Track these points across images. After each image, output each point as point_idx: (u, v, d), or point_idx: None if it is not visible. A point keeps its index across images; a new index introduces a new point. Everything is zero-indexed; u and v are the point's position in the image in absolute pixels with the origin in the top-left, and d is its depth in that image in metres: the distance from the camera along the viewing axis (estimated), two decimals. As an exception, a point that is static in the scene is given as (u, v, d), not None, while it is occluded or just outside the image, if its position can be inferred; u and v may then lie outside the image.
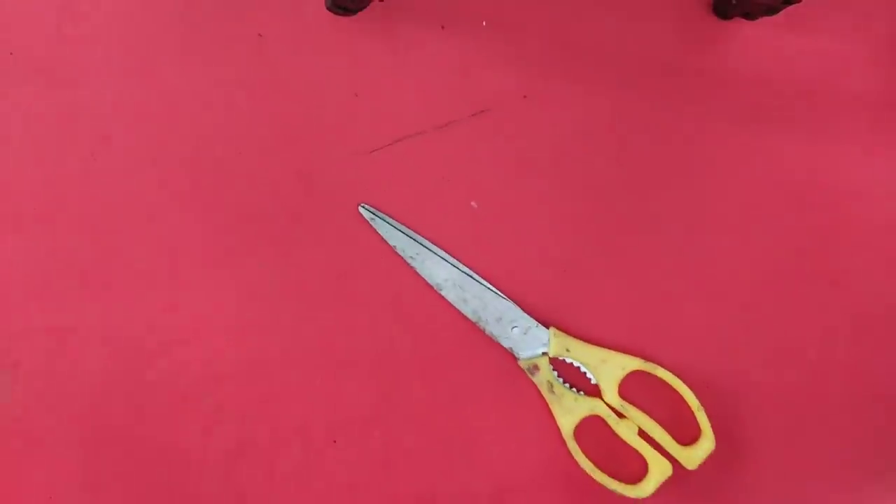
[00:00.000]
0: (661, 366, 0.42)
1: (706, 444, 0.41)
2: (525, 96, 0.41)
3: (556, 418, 0.41)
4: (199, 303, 0.38)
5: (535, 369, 0.41)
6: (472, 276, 0.40)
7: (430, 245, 0.40)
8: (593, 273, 0.42)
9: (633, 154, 0.42)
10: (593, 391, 0.42)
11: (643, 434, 0.41)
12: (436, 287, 0.40)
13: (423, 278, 0.40)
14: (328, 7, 0.38)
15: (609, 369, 0.41)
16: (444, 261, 0.40)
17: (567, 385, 0.41)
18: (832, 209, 0.44)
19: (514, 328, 0.41)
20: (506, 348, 0.41)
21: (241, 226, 0.38)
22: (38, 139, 0.37)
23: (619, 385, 0.41)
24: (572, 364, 0.41)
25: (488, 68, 0.40)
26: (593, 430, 0.41)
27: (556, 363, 0.41)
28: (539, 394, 0.41)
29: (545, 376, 0.41)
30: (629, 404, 0.41)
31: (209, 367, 0.39)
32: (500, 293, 0.41)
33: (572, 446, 0.41)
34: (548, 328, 0.41)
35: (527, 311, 0.41)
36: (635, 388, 0.42)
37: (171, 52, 0.38)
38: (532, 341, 0.41)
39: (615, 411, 0.41)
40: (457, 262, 0.40)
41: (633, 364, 0.41)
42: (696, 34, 0.43)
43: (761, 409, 0.43)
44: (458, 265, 0.40)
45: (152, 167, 0.38)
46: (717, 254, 0.43)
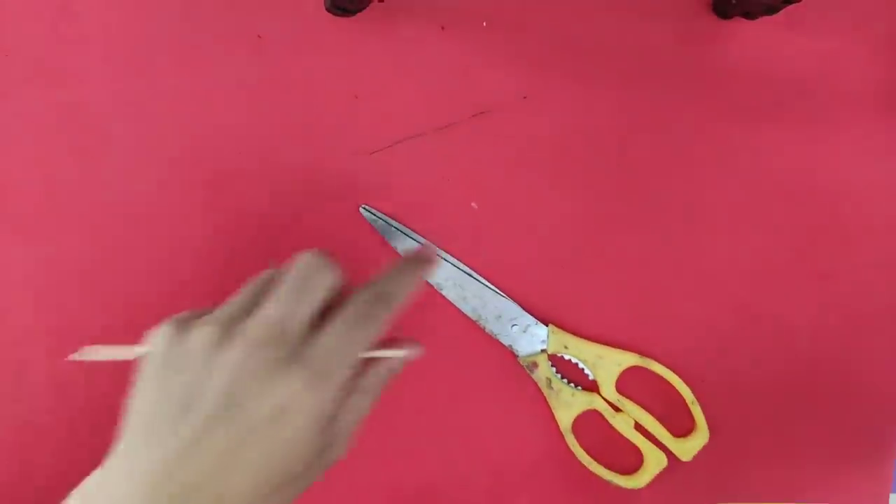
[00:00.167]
0: (657, 361, 0.42)
1: (700, 437, 0.42)
2: (525, 97, 0.41)
3: (554, 413, 0.42)
4: (201, 301, 0.38)
5: (533, 366, 0.41)
6: (471, 275, 0.41)
7: (429, 244, 0.40)
8: (591, 272, 0.42)
9: (632, 153, 0.42)
10: (591, 386, 0.42)
11: (639, 427, 0.42)
12: (436, 286, 0.40)
13: (424, 280, 0.40)
14: (328, 8, 0.38)
15: (606, 365, 0.42)
16: (445, 260, 0.40)
17: (565, 381, 0.42)
18: (827, 208, 0.45)
19: (513, 326, 0.41)
20: (505, 346, 0.41)
21: (242, 226, 0.38)
22: (38, 140, 0.37)
23: (615, 380, 0.42)
24: (570, 360, 0.42)
25: (488, 69, 0.40)
26: (591, 424, 0.42)
27: (555, 360, 0.42)
28: (538, 389, 0.42)
29: (544, 372, 0.41)
30: (625, 399, 0.42)
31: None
32: (499, 292, 0.41)
33: (570, 440, 0.42)
34: (546, 326, 0.41)
35: (526, 309, 0.41)
36: (632, 383, 0.42)
37: (171, 52, 0.38)
38: (531, 339, 0.41)
39: (612, 405, 0.42)
40: (457, 261, 0.40)
41: (630, 360, 0.42)
42: (695, 34, 0.43)
43: (753, 402, 0.44)
44: (459, 264, 0.40)
45: (153, 167, 0.38)
46: (713, 252, 0.44)
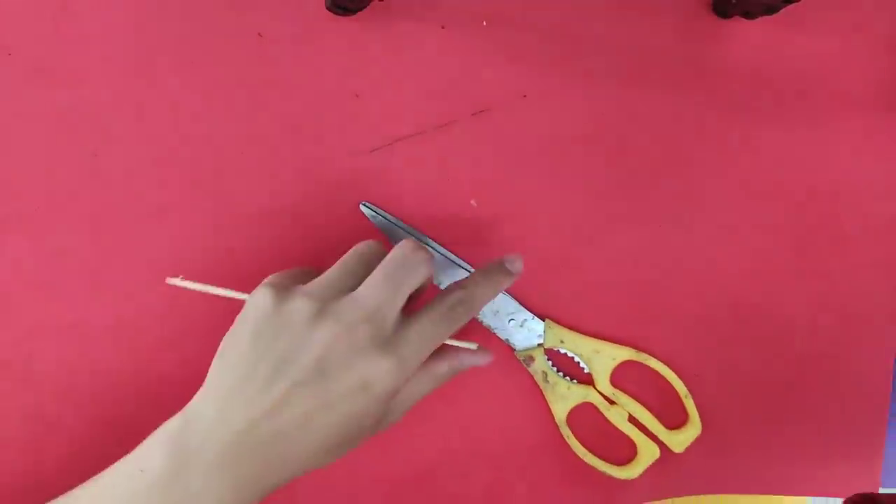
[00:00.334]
0: (652, 356, 0.43)
1: (693, 429, 0.43)
2: (525, 96, 0.41)
3: (550, 405, 0.43)
4: (204, 300, 0.39)
5: (530, 360, 0.42)
6: (470, 270, 0.41)
7: (430, 241, 0.41)
8: (588, 268, 0.43)
9: (630, 152, 0.43)
10: (586, 380, 0.43)
11: (633, 420, 0.43)
12: (437, 283, 0.41)
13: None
14: (328, 6, 0.38)
15: (602, 359, 0.43)
16: (444, 256, 0.41)
17: (561, 374, 0.43)
18: (824, 207, 0.45)
19: (510, 321, 0.42)
20: (502, 340, 0.42)
21: (243, 224, 0.39)
22: (40, 139, 0.37)
23: (610, 374, 0.43)
24: (566, 354, 0.43)
25: (488, 67, 0.40)
26: (585, 417, 0.43)
27: (551, 353, 0.43)
28: (534, 382, 0.43)
29: (540, 366, 0.42)
30: (620, 392, 0.43)
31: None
32: (497, 287, 0.42)
33: (565, 431, 0.43)
34: (543, 320, 0.42)
35: (523, 304, 0.42)
36: (626, 376, 0.43)
37: (171, 51, 0.38)
38: (528, 333, 0.42)
39: (606, 399, 0.43)
40: (456, 257, 0.41)
41: (625, 354, 0.43)
42: (695, 33, 0.43)
43: (746, 396, 0.45)
44: (457, 260, 0.41)
45: (153, 167, 0.38)
46: (709, 249, 0.44)
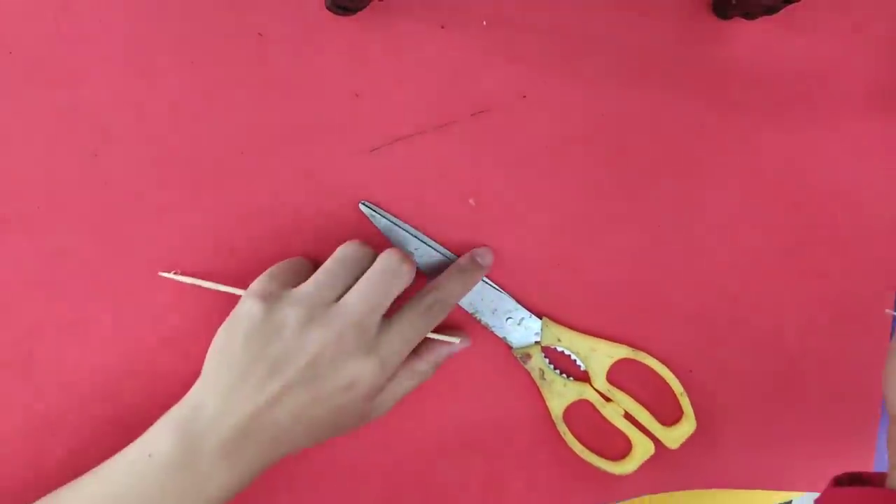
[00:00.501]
0: (649, 354, 0.44)
1: (687, 426, 0.44)
2: (524, 96, 0.41)
3: (546, 402, 0.43)
4: (203, 299, 0.39)
5: (527, 357, 0.43)
6: (468, 269, 0.42)
7: (428, 240, 0.41)
8: (585, 267, 0.43)
9: (629, 152, 0.43)
10: (582, 377, 0.44)
11: (628, 416, 0.44)
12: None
13: (422, 271, 0.41)
14: (328, 6, 0.38)
15: (598, 357, 0.43)
16: (443, 255, 0.41)
17: (557, 371, 0.43)
18: (821, 207, 0.46)
19: (508, 319, 0.42)
20: (500, 337, 0.42)
21: (243, 224, 0.39)
22: (41, 138, 0.37)
23: (607, 371, 0.43)
24: (563, 352, 0.43)
25: (488, 67, 0.40)
26: (581, 413, 0.43)
27: (548, 351, 0.43)
28: (531, 380, 0.43)
29: (537, 364, 0.43)
30: (616, 389, 0.43)
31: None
32: (495, 286, 0.42)
33: (562, 428, 0.43)
34: (540, 319, 0.43)
35: (520, 302, 0.42)
36: (622, 374, 0.44)
37: (171, 51, 0.38)
38: (525, 331, 0.42)
39: (602, 396, 0.43)
40: (455, 256, 0.41)
41: (621, 352, 0.43)
42: (695, 34, 0.43)
43: (741, 394, 0.45)
44: (456, 259, 0.41)
45: (153, 167, 0.38)
46: (706, 249, 0.44)
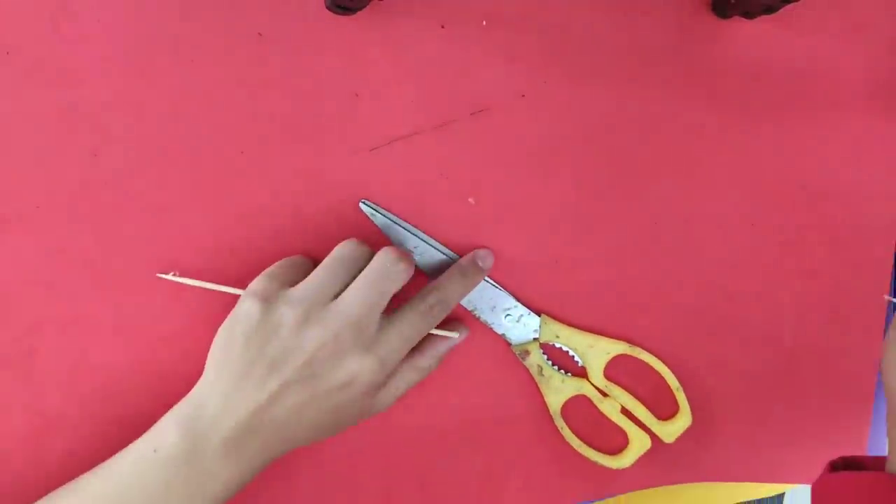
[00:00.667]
0: (646, 350, 0.44)
1: (683, 420, 0.45)
2: (523, 95, 0.41)
3: (544, 398, 0.44)
4: (203, 298, 0.39)
5: (525, 354, 0.43)
6: (468, 267, 0.42)
7: (428, 239, 0.41)
8: (583, 264, 0.43)
9: (627, 151, 0.43)
10: (580, 373, 0.44)
11: (625, 411, 0.44)
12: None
13: (421, 270, 0.41)
14: (328, 6, 0.38)
15: (596, 353, 0.44)
16: (442, 253, 0.41)
17: (555, 367, 0.44)
18: (817, 206, 0.46)
19: (506, 316, 0.43)
20: (498, 334, 0.43)
21: (244, 222, 0.39)
22: (41, 138, 0.37)
23: (604, 367, 0.44)
24: (561, 348, 0.44)
25: (487, 67, 0.40)
26: (579, 408, 0.44)
27: (546, 348, 0.44)
28: (529, 376, 0.43)
29: (535, 360, 0.43)
30: (613, 384, 0.44)
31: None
32: (494, 283, 0.42)
33: (559, 423, 0.44)
34: (539, 316, 0.43)
35: (519, 299, 0.43)
36: (620, 370, 0.44)
37: (171, 51, 0.38)
38: (523, 328, 0.43)
39: (600, 391, 0.44)
40: (454, 254, 0.41)
41: (619, 348, 0.44)
42: (694, 33, 0.43)
43: (737, 388, 0.46)
44: (456, 258, 0.41)
45: (153, 166, 0.38)
46: (703, 247, 0.45)
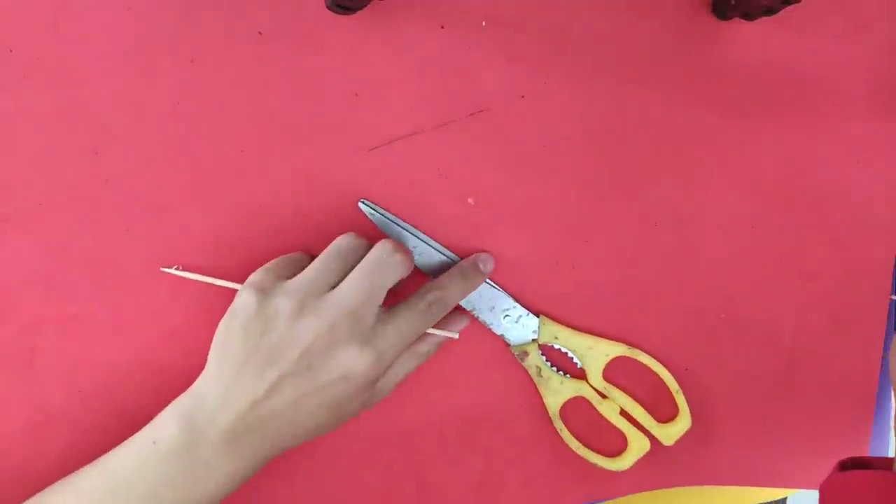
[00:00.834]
0: (645, 352, 0.44)
1: (683, 423, 0.44)
2: (523, 96, 0.41)
3: (543, 399, 0.43)
4: (203, 294, 0.39)
5: (524, 355, 0.43)
6: (467, 268, 0.42)
7: (427, 239, 0.41)
8: (582, 265, 0.43)
9: (627, 152, 0.43)
10: (579, 374, 0.44)
11: (624, 413, 0.44)
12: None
13: (420, 270, 0.41)
14: (328, 5, 0.38)
15: (595, 355, 0.43)
16: (441, 254, 0.41)
17: (554, 369, 0.43)
18: (817, 209, 0.46)
19: (505, 317, 0.43)
20: (497, 335, 0.43)
21: (244, 222, 0.39)
22: (41, 137, 0.37)
23: (603, 369, 0.44)
24: (560, 350, 0.43)
25: (487, 68, 0.40)
26: (578, 410, 0.44)
27: (545, 349, 0.43)
28: (528, 377, 0.43)
29: (534, 361, 0.43)
30: (612, 386, 0.44)
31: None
32: (493, 284, 0.42)
33: (558, 424, 0.44)
34: (537, 317, 0.43)
35: (518, 300, 0.43)
36: (619, 371, 0.44)
37: (171, 50, 0.38)
38: (522, 329, 0.43)
39: (599, 393, 0.44)
40: (453, 254, 0.41)
41: (618, 350, 0.44)
42: (694, 35, 0.43)
43: (736, 391, 0.46)
44: (455, 258, 0.42)
45: (153, 166, 0.38)
46: (703, 248, 0.45)
